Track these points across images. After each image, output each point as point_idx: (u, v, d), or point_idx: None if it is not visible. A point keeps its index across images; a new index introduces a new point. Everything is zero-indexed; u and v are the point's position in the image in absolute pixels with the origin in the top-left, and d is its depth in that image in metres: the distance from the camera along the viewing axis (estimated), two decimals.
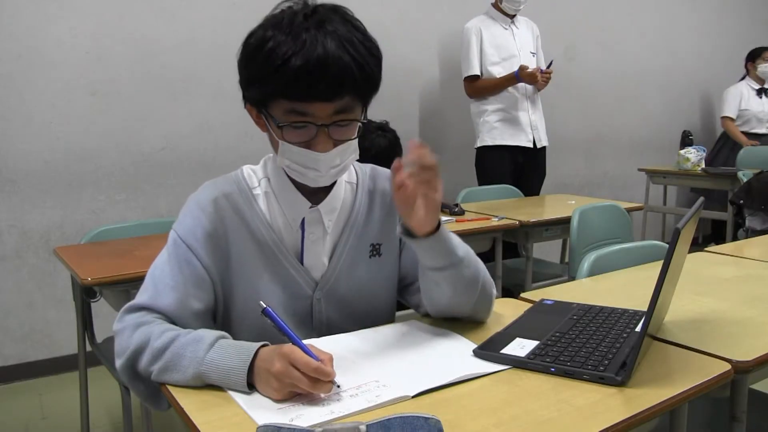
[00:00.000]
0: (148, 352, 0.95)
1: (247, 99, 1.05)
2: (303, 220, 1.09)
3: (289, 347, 0.86)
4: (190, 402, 0.87)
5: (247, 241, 1.07)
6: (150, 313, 1.01)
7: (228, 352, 0.90)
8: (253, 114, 1.06)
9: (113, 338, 2.10)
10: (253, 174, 1.13)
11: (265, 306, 0.94)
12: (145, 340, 0.96)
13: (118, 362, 0.98)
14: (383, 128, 2.31)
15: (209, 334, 0.95)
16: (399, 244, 1.18)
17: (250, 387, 0.88)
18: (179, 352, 0.92)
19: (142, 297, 1.03)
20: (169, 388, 0.92)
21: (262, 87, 0.99)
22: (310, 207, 1.09)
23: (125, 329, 0.99)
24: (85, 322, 1.97)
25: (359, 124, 1.03)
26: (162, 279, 1.03)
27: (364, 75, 0.97)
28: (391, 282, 1.19)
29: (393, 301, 1.21)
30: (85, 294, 1.88)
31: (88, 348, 1.99)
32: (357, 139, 1.04)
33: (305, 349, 0.86)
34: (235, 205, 1.08)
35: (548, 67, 3.31)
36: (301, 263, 1.10)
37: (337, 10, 1.00)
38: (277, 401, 0.85)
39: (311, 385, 0.84)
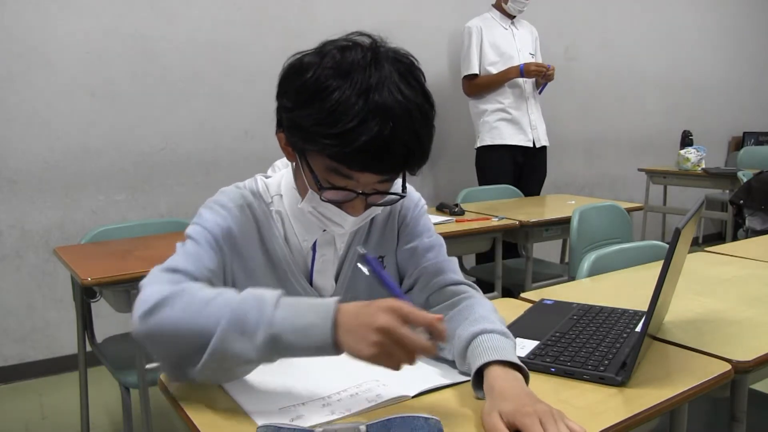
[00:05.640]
0: (185, 303, 0.82)
1: (282, 130, 0.97)
2: (315, 242, 1.06)
3: (394, 301, 0.79)
4: (190, 402, 0.87)
5: (262, 256, 1.04)
6: (188, 278, 0.91)
7: (300, 308, 0.81)
8: (283, 142, 0.98)
9: (113, 338, 2.10)
10: (267, 189, 1.07)
11: (364, 252, 0.89)
12: (181, 290, 0.84)
13: (141, 310, 0.83)
14: None
15: (267, 291, 0.82)
16: (395, 247, 1.14)
17: (335, 345, 0.79)
18: (239, 315, 0.79)
19: (183, 265, 0.92)
20: (167, 384, 0.92)
21: (311, 139, 0.89)
22: (324, 231, 1.05)
23: (157, 281, 0.88)
24: (85, 322, 1.97)
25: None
26: (201, 260, 0.94)
27: (424, 155, 0.92)
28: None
29: None
30: (85, 294, 1.88)
31: (88, 348, 1.99)
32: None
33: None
34: (256, 217, 1.04)
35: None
36: (310, 284, 1.08)
37: (403, 62, 0.92)
38: (368, 358, 0.77)
39: (419, 346, 0.77)
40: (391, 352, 0.77)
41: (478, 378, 0.87)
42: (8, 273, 2.69)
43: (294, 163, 1.01)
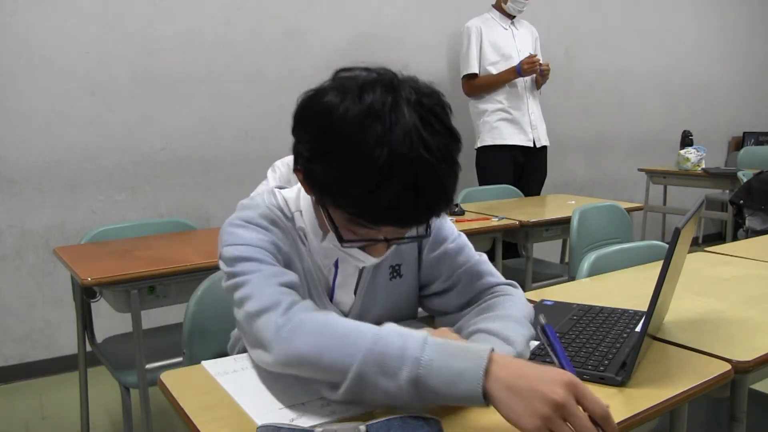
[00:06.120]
0: (321, 333, 0.80)
1: (300, 170, 0.91)
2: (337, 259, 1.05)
3: (572, 376, 0.71)
4: (190, 402, 0.87)
5: (302, 272, 1.01)
6: (299, 293, 0.90)
7: (448, 350, 0.75)
8: (300, 179, 0.93)
9: (113, 338, 2.10)
10: (287, 204, 1.03)
11: (545, 322, 0.85)
12: (310, 317, 0.82)
13: (273, 339, 0.82)
14: None
15: (414, 331, 0.78)
16: (418, 256, 1.12)
17: (484, 396, 0.73)
18: (381, 351, 0.75)
19: (287, 278, 0.90)
20: (167, 385, 0.92)
21: (329, 195, 0.86)
22: None
23: (276, 302, 0.85)
24: (85, 322, 1.97)
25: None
26: (286, 274, 0.91)
27: (449, 202, 0.87)
28: (413, 298, 1.16)
29: (415, 315, 1.19)
30: (85, 294, 1.88)
31: (88, 348, 1.99)
32: None
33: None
34: (286, 229, 1.00)
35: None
36: (331, 299, 1.07)
37: (425, 103, 0.84)
38: (526, 429, 0.69)
39: None
40: (553, 428, 0.69)
41: None
42: (8, 273, 2.69)
43: (313, 199, 0.96)
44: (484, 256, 1.13)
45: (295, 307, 0.85)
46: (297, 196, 1.04)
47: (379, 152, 0.79)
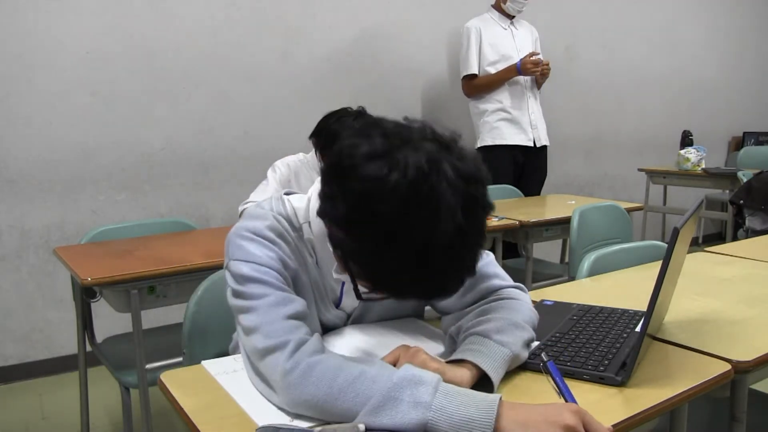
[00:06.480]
0: (330, 379, 0.80)
1: (327, 223, 0.86)
2: None
3: (578, 406, 0.79)
4: (190, 402, 0.87)
5: (309, 284, 1.02)
6: (306, 324, 0.91)
7: (459, 399, 0.77)
8: (327, 230, 0.88)
9: (113, 338, 2.10)
10: (295, 215, 1.02)
11: (547, 360, 0.90)
12: (319, 362, 0.83)
13: (281, 382, 0.83)
14: (362, 115, 2.11)
15: (427, 375, 0.79)
16: None
17: None
18: (393, 395, 0.77)
19: (293, 309, 0.90)
20: (167, 384, 0.92)
21: (357, 267, 0.83)
22: None
23: (283, 341, 0.85)
24: (85, 322, 1.97)
25: None
26: (295, 301, 0.92)
27: (475, 271, 0.87)
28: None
29: (422, 313, 1.19)
30: (85, 294, 1.88)
31: (88, 348, 1.99)
32: None
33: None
34: (295, 245, 1.00)
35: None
36: (337, 306, 1.08)
37: (461, 190, 0.81)
38: None
39: None
40: None
41: None
42: (8, 273, 2.69)
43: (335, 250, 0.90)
44: (491, 256, 1.12)
45: (302, 349, 0.85)
46: (306, 207, 1.02)
47: (417, 242, 0.77)
